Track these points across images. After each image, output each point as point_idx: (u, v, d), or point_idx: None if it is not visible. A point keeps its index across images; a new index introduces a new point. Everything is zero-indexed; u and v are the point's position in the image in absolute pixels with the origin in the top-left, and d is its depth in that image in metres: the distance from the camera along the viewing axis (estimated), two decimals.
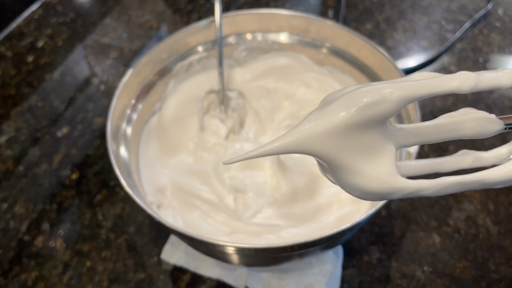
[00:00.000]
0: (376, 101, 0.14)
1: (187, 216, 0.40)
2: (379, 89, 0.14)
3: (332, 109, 0.15)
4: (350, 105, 0.14)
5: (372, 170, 0.15)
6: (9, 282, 0.41)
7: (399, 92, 0.14)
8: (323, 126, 0.14)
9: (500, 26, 0.63)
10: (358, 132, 0.14)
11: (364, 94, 0.14)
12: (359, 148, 0.15)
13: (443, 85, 0.14)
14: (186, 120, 0.47)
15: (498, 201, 0.44)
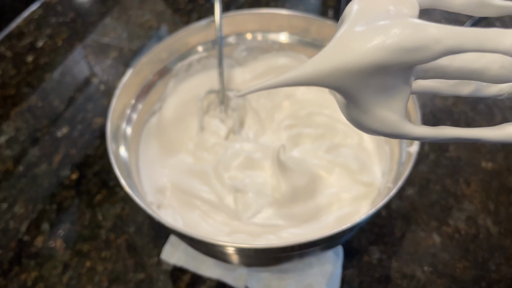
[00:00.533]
0: (419, 47, 0.13)
1: (187, 216, 0.40)
2: (426, 32, 0.13)
3: (364, 40, 0.13)
4: (388, 44, 0.12)
5: (381, 112, 0.14)
6: (9, 282, 0.41)
7: (447, 42, 0.13)
8: (351, 61, 0.13)
9: (500, 26, 0.63)
10: (383, 72, 0.13)
11: (409, 34, 0.12)
12: (377, 88, 0.14)
13: (497, 41, 0.13)
14: (186, 120, 0.47)
15: (499, 201, 0.44)
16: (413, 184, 0.46)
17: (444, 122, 0.52)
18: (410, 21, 0.13)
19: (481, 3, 0.16)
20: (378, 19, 0.13)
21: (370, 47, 0.13)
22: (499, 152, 0.49)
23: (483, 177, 0.46)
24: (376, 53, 0.13)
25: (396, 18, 0.13)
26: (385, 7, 0.14)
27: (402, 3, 0.14)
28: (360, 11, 0.14)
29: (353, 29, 0.13)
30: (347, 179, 0.42)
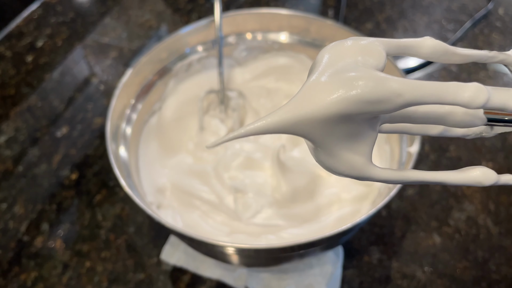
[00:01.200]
0: (381, 99, 0.13)
1: (186, 216, 0.40)
2: (388, 86, 0.13)
3: (329, 91, 0.13)
4: (351, 95, 0.13)
5: (348, 156, 0.15)
6: (9, 283, 0.40)
7: (407, 95, 0.13)
8: (316, 112, 0.13)
9: (500, 26, 0.63)
10: (348, 121, 0.14)
11: (371, 87, 0.13)
12: (343, 134, 0.14)
13: (455, 95, 0.13)
14: (186, 120, 0.47)
15: (499, 201, 0.44)
16: (414, 184, 0.46)
17: None
18: (374, 74, 0.13)
19: (446, 52, 0.17)
20: (345, 70, 0.14)
21: (334, 98, 0.13)
22: (500, 152, 0.48)
23: None
24: (340, 104, 0.13)
25: (362, 69, 0.14)
26: (354, 58, 0.14)
27: (370, 53, 0.15)
28: (330, 61, 0.14)
29: (320, 79, 0.14)
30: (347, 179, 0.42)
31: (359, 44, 0.15)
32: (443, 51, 0.16)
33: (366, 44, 0.15)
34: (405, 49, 0.16)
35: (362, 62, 0.14)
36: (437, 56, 0.17)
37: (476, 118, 0.15)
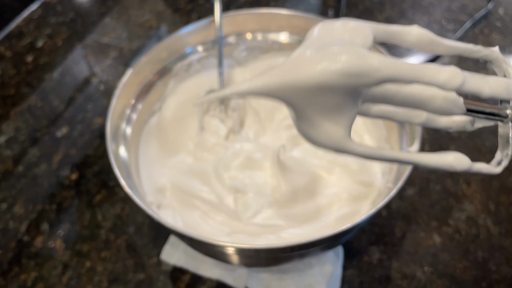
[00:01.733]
0: (361, 73, 0.14)
1: (187, 216, 0.40)
2: (368, 61, 0.14)
3: (314, 62, 0.14)
4: (334, 68, 0.14)
5: (328, 128, 0.16)
6: (9, 283, 0.41)
7: (385, 71, 0.14)
8: (299, 80, 0.14)
9: (500, 26, 0.63)
10: (330, 92, 0.14)
11: (352, 61, 0.14)
12: (325, 106, 0.15)
13: (432, 75, 0.14)
14: (186, 120, 0.47)
15: (499, 201, 0.44)
16: (413, 184, 0.46)
17: None
18: (357, 50, 0.14)
19: (432, 42, 0.17)
20: (331, 45, 0.15)
21: (317, 69, 0.14)
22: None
23: (483, 177, 0.46)
24: (322, 75, 0.14)
25: (348, 46, 0.14)
26: (341, 35, 0.15)
27: (357, 34, 0.15)
28: (318, 36, 0.16)
29: (307, 51, 0.15)
30: (347, 179, 0.42)
31: (348, 25, 0.16)
32: (429, 40, 0.17)
33: (354, 26, 0.16)
34: (393, 35, 0.17)
35: (349, 40, 0.15)
36: (423, 45, 0.17)
37: (456, 106, 0.16)
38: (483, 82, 0.15)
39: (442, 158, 0.16)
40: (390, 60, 0.14)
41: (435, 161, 0.16)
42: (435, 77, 0.14)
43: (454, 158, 0.16)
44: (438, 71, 0.14)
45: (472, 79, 0.14)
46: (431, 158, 0.17)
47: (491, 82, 0.15)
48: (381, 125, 0.43)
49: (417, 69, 0.14)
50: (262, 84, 0.14)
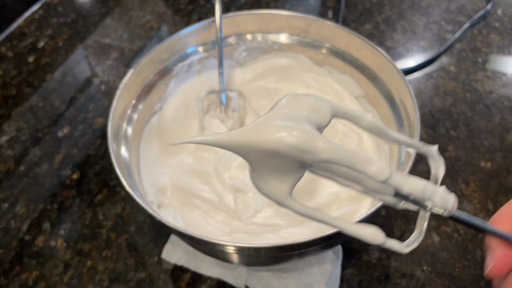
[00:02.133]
0: (306, 150, 0.16)
1: (187, 215, 0.40)
2: (315, 142, 0.16)
3: (272, 131, 0.17)
4: (286, 140, 0.16)
5: (273, 184, 0.19)
6: (10, 282, 0.41)
7: (328, 154, 0.16)
8: (257, 143, 0.17)
9: (499, 26, 0.63)
10: (281, 158, 0.17)
11: (302, 139, 0.16)
12: (275, 167, 0.18)
13: (364, 166, 0.16)
14: (186, 120, 0.47)
15: (497, 201, 0.45)
16: None
17: (443, 122, 0.52)
18: (308, 130, 0.17)
19: (381, 131, 0.19)
20: (292, 118, 0.17)
21: (274, 137, 0.17)
22: (498, 152, 0.49)
23: (482, 177, 0.47)
24: (276, 144, 0.17)
25: (303, 123, 0.17)
26: (302, 111, 0.18)
27: (318, 113, 0.18)
28: (284, 106, 0.18)
29: (271, 119, 0.17)
30: None
31: (313, 101, 0.18)
32: (378, 129, 0.19)
33: (318, 104, 0.18)
34: (350, 117, 0.19)
35: (307, 117, 0.17)
36: (374, 132, 0.19)
37: (385, 190, 0.18)
38: (405, 181, 0.17)
39: (362, 230, 0.19)
40: (334, 146, 0.17)
41: (355, 231, 0.19)
42: (366, 169, 0.16)
43: (371, 232, 0.19)
44: (370, 164, 0.16)
45: (396, 177, 0.17)
46: (353, 228, 0.19)
47: (412, 182, 0.17)
48: None
49: (354, 158, 0.16)
50: (227, 140, 0.17)
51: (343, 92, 0.48)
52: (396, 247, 0.19)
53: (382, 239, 0.19)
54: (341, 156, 0.16)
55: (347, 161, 0.16)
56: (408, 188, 0.17)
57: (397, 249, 0.19)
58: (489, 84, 0.56)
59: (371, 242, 0.18)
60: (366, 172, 0.16)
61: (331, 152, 0.16)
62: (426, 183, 0.17)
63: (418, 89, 0.56)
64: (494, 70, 0.58)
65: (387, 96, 0.42)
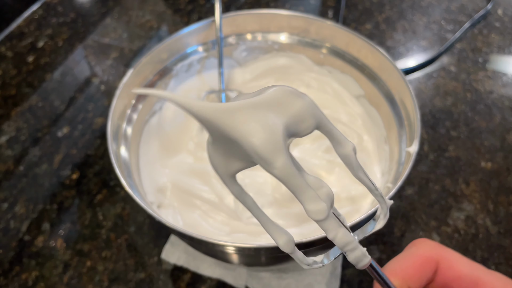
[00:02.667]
0: (263, 158, 0.16)
1: (187, 216, 0.40)
2: (275, 156, 0.16)
3: (244, 119, 0.16)
4: (250, 137, 0.16)
5: (223, 161, 0.19)
6: (10, 282, 0.41)
7: (279, 173, 0.16)
8: (222, 125, 0.16)
9: (499, 26, 0.63)
10: (237, 147, 0.17)
11: (264, 146, 0.16)
12: (231, 150, 0.18)
13: (305, 201, 0.16)
14: (186, 120, 0.47)
15: (498, 201, 0.45)
16: (413, 184, 0.46)
17: (443, 122, 0.52)
18: (277, 141, 0.16)
19: (351, 165, 0.19)
20: (269, 117, 0.16)
21: (241, 129, 0.16)
22: (498, 152, 0.49)
23: (482, 177, 0.46)
24: (241, 136, 0.16)
25: (279, 129, 0.16)
26: (285, 113, 0.17)
27: (300, 122, 0.17)
28: (268, 99, 0.17)
29: (249, 107, 0.16)
30: (347, 179, 0.42)
31: (300, 108, 0.17)
32: (349, 163, 0.18)
33: (304, 112, 0.17)
34: (331, 138, 0.18)
35: (286, 122, 0.17)
36: (347, 164, 0.19)
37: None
38: (334, 229, 0.17)
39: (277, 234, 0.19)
40: (289, 170, 0.16)
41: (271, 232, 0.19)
42: (305, 204, 0.16)
43: (284, 241, 0.19)
44: (311, 202, 0.16)
45: (328, 222, 0.17)
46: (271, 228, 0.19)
47: (340, 233, 0.17)
48: (380, 125, 0.44)
49: (300, 190, 0.16)
50: (195, 110, 0.16)
51: (343, 92, 0.48)
52: (299, 260, 0.19)
53: (291, 250, 0.19)
54: (291, 182, 0.16)
55: (292, 189, 0.16)
56: (331, 236, 0.17)
57: (299, 262, 0.19)
58: (490, 84, 0.56)
59: (281, 248, 0.19)
60: (304, 206, 0.16)
61: (284, 174, 0.16)
62: (351, 240, 0.17)
63: (419, 89, 0.56)
64: (494, 70, 0.58)
65: (387, 96, 0.42)
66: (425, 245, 0.20)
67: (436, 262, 0.19)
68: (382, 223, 0.20)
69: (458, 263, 0.19)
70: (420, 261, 0.19)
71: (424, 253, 0.20)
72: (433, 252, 0.20)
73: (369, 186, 0.19)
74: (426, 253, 0.20)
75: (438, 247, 0.20)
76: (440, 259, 0.19)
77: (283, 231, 0.19)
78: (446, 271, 0.19)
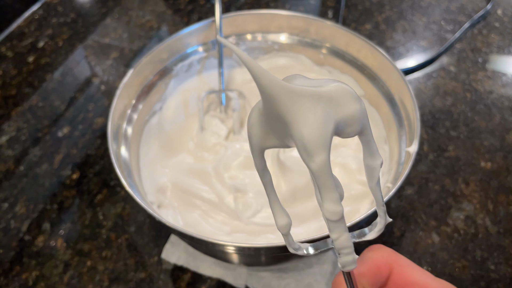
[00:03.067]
0: (306, 149, 0.16)
1: (187, 215, 0.40)
2: (318, 152, 0.16)
3: (302, 106, 0.16)
4: (302, 125, 0.16)
5: (260, 133, 0.18)
6: (10, 282, 0.41)
7: (314, 167, 0.16)
8: (280, 105, 0.16)
9: (499, 26, 0.63)
10: (285, 128, 0.17)
11: (312, 140, 0.16)
12: (275, 127, 0.17)
13: (326, 198, 0.17)
14: (186, 120, 0.47)
15: (497, 201, 0.45)
16: (412, 184, 0.46)
17: (443, 122, 0.52)
18: (325, 137, 0.16)
19: (371, 177, 0.19)
20: (325, 111, 0.16)
21: (296, 115, 0.16)
22: (498, 152, 0.49)
23: (482, 177, 0.47)
24: (293, 121, 0.16)
25: (330, 126, 0.16)
26: (340, 113, 0.17)
27: (350, 124, 0.17)
28: (329, 94, 0.17)
29: (312, 97, 0.16)
30: (347, 178, 0.42)
31: (354, 111, 0.17)
32: (373, 176, 0.19)
33: (359, 116, 0.17)
34: (366, 147, 0.19)
35: (338, 121, 0.17)
36: (369, 175, 0.19)
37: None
38: (340, 232, 0.17)
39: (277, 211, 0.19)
40: (325, 167, 0.16)
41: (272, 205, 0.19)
42: (326, 202, 0.17)
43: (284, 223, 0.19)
44: (331, 202, 0.17)
45: (338, 224, 0.17)
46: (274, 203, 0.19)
47: (343, 237, 0.17)
48: (380, 125, 0.44)
49: (327, 188, 0.16)
50: (263, 81, 0.15)
51: None
52: (288, 243, 0.20)
53: (285, 232, 0.19)
54: (322, 179, 0.16)
55: (321, 185, 0.16)
56: (334, 237, 0.17)
57: (287, 244, 0.20)
58: (489, 84, 0.56)
59: (277, 228, 0.19)
60: (324, 203, 0.17)
61: (320, 170, 0.16)
62: (349, 245, 0.18)
63: (418, 89, 0.56)
64: (494, 70, 0.58)
65: (387, 96, 0.42)
66: (380, 251, 0.21)
67: (390, 267, 0.21)
68: (374, 235, 0.20)
69: (409, 270, 0.20)
70: (375, 266, 0.21)
71: (379, 259, 0.21)
72: (387, 258, 0.21)
73: (379, 200, 0.19)
74: (381, 259, 0.21)
75: (392, 253, 0.21)
76: (393, 265, 0.21)
77: (285, 214, 0.19)
78: (398, 276, 0.20)
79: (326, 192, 0.16)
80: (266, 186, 0.19)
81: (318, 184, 0.16)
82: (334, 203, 0.17)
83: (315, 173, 0.16)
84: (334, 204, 0.17)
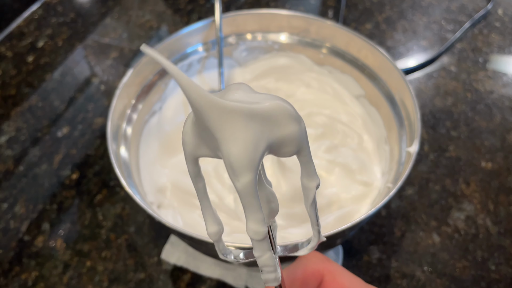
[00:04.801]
0: (232, 168, 0.16)
1: (187, 216, 0.40)
2: (242, 172, 0.15)
3: (233, 122, 0.15)
4: (230, 143, 0.15)
5: (194, 141, 0.18)
6: (9, 282, 0.41)
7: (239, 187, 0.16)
8: (210, 121, 0.15)
9: (500, 26, 0.63)
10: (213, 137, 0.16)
11: (239, 159, 0.15)
12: (206, 137, 0.17)
13: (248, 218, 0.17)
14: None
15: (498, 201, 0.44)
16: (413, 184, 0.46)
17: (443, 122, 0.52)
18: (253, 159, 0.16)
19: (307, 201, 0.19)
20: (256, 130, 0.16)
21: (224, 131, 0.15)
22: (499, 152, 0.49)
23: (482, 177, 0.46)
24: (221, 137, 0.16)
25: (261, 146, 0.16)
26: (274, 134, 0.16)
27: (283, 146, 0.17)
28: (265, 112, 0.16)
29: (242, 112, 0.15)
30: (347, 179, 0.42)
31: (291, 133, 0.17)
32: (308, 196, 0.19)
33: (293, 138, 0.17)
34: (304, 168, 0.18)
35: (270, 143, 0.16)
36: (305, 195, 0.19)
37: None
38: (262, 251, 0.18)
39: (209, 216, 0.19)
40: (250, 189, 0.16)
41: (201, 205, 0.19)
42: (250, 222, 0.16)
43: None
44: (255, 222, 0.16)
45: (261, 243, 0.17)
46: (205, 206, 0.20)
47: (265, 256, 0.18)
48: (381, 125, 0.44)
49: (251, 208, 0.16)
50: (193, 96, 0.15)
51: (343, 92, 0.48)
52: (218, 249, 0.20)
53: (216, 239, 0.19)
54: (246, 199, 0.16)
55: (244, 203, 0.16)
56: (256, 255, 0.18)
57: (218, 251, 0.20)
58: (490, 84, 0.56)
59: (208, 235, 0.19)
60: (247, 222, 0.17)
61: (244, 191, 0.16)
62: (271, 264, 0.18)
63: (419, 89, 0.56)
64: (494, 70, 0.57)
65: (387, 96, 0.42)
66: (314, 258, 0.22)
67: (322, 274, 0.21)
68: (305, 252, 0.20)
69: (340, 277, 0.21)
70: (308, 272, 0.21)
71: (312, 265, 0.21)
72: (320, 265, 0.21)
73: (313, 220, 0.19)
74: (314, 265, 0.21)
75: (325, 260, 0.21)
76: (325, 272, 0.21)
77: (216, 222, 0.19)
78: (329, 283, 0.21)
79: (250, 212, 0.16)
80: (198, 192, 0.19)
81: (242, 203, 0.16)
82: (257, 223, 0.17)
83: (239, 192, 0.16)
84: (257, 224, 0.17)
